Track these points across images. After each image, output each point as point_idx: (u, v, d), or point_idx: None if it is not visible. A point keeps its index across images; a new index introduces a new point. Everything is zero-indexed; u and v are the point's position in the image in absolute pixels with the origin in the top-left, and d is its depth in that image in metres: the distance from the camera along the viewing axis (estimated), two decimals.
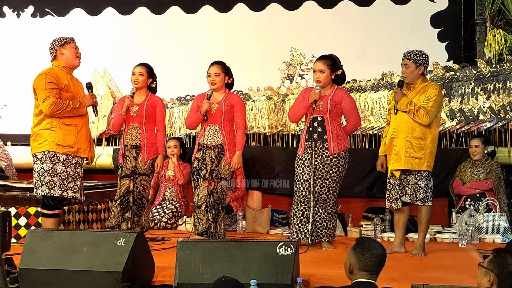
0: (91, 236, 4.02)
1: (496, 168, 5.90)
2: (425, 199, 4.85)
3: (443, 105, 5.18)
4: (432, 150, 4.86)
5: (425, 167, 4.83)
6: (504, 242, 5.20)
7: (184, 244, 3.83)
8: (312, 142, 5.13)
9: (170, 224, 6.40)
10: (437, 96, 4.80)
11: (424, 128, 4.82)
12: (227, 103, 5.25)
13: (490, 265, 2.74)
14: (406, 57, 4.89)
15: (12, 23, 8.30)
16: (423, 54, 4.89)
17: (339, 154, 5.10)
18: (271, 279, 3.60)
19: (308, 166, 5.11)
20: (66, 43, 5.08)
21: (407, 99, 4.84)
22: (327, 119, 5.11)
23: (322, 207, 5.11)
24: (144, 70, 5.52)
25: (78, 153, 4.95)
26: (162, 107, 5.60)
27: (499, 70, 6.44)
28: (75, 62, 5.13)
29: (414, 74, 4.88)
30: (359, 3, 7.30)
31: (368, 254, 3.02)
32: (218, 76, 5.26)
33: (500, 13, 6.70)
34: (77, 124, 4.97)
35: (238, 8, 7.67)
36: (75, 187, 4.93)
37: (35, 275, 3.86)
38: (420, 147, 4.81)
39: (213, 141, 5.24)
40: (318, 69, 5.15)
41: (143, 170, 5.44)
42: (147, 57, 6.53)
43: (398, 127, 4.90)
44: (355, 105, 5.29)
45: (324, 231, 5.12)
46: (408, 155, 4.82)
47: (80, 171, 5.02)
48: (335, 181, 5.12)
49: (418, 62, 4.85)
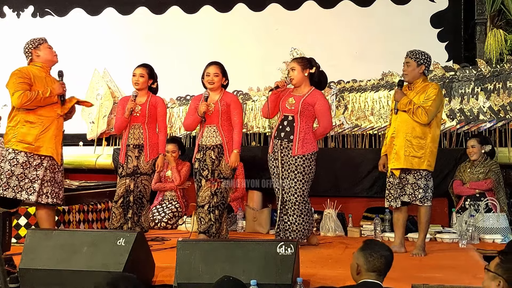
0: (91, 236, 4.02)
1: (495, 168, 5.90)
2: (424, 199, 4.85)
3: (443, 105, 5.17)
4: (433, 150, 4.86)
5: (425, 166, 4.82)
6: (504, 242, 5.20)
7: (184, 244, 3.83)
8: (279, 141, 5.11)
9: (170, 224, 6.40)
10: (436, 96, 4.80)
11: (424, 128, 4.82)
12: (223, 103, 5.25)
13: (499, 270, 2.69)
14: (408, 55, 4.92)
15: (12, 23, 8.31)
16: (425, 54, 4.91)
17: (304, 156, 5.03)
18: (271, 279, 3.60)
19: (277, 165, 5.11)
20: (39, 44, 5.05)
21: (407, 99, 4.85)
22: (297, 119, 5.08)
23: (291, 209, 5.06)
24: (145, 71, 5.51)
25: (38, 151, 4.80)
26: (164, 107, 5.60)
27: (499, 70, 6.44)
28: (53, 59, 5.10)
29: (415, 72, 4.89)
30: (359, 3, 7.30)
31: (376, 255, 3.03)
32: (217, 77, 5.27)
33: (500, 13, 6.70)
34: (43, 123, 4.84)
35: (238, 8, 7.68)
36: (30, 189, 4.78)
37: (35, 275, 3.86)
38: (420, 146, 4.81)
39: (212, 142, 5.24)
40: (290, 67, 5.19)
41: (145, 169, 5.44)
42: (147, 57, 6.55)
43: (399, 127, 4.91)
44: (328, 108, 5.21)
45: (292, 233, 5.05)
46: (408, 154, 4.82)
47: (42, 173, 4.80)
48: (301, 182, 5.04)
49: (419, 61, 4.86)
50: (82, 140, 7.72)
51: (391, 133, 4.97)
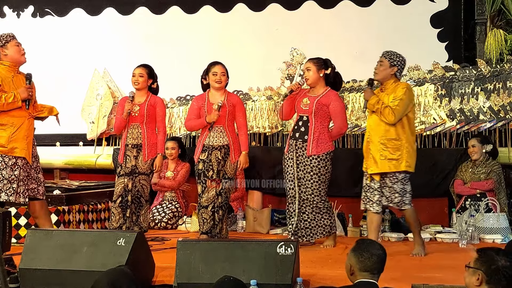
0: (91, 236, 4.02)
1: (497, 169, 5.89)
2: (401, 204, 4.78)
3: (414, 104, 4.99)
4: (409, 150, 4.76)
5: (403, 167, 4.73)
6: (504, 242, 5.20)
7: (184, 244, 3.83)
8: (294, 141, 5.13)
9: (170, 224, 6.40)
10: (404, 95, 4.72)
11: (397, 129, 4.75)
12: (229, 103, 5.27)
13: (477, 264, 2.79)
14: (383, 55, 4.88)
15: (12, 23, 8.29)
16: (400, 56, 4.86)
17: (319, 156, 5.04)
18: (271, 279, 3.60)
19: (292, 165, 5.11)
20: (6, 42, 4.87)
21: (375, 98, 4.79)
22: (311, 119, 5.09)
23: (309, 207, 5.08)
24: (144, 71, 5.52)
25: (12, 153, 4.76)
26: (163, 107, 5.60)
27: (499, 70, 6.44)
28: (21, 59, 4.92)
29: (386, 73, 4.83)
30: (359, 3, 7.29)
31: (367, 254, 3.03)
32: (224, 76, 5.29)
33: (500, 13, 6.69)
34: (14, 124, 4.79)
35: (238, 8, 7.67)
36: (10, 190, 4.74)
37: (35, 275, 3.86)
38: (395, 148, 4.74)
39: (219, 142, 5.24)
40: (305, 68, 5.20)
41: (143, 169, 5.45)
42: (147, 57, 6.55)
43: (372, 130, 4.86)
44: (342, 109, 5.22)
45: (312, 230, 5.09)
46: (384, 157, 4.75)
47: (20, 173, 4.78)
48: (318, 183, 5.06)
49: (392, 62, 4.82)
50: (82, 140, 7.72)
51: (366, 137, 4.93)
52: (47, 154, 7.56)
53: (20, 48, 4.93)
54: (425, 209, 6.26)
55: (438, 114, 6.51)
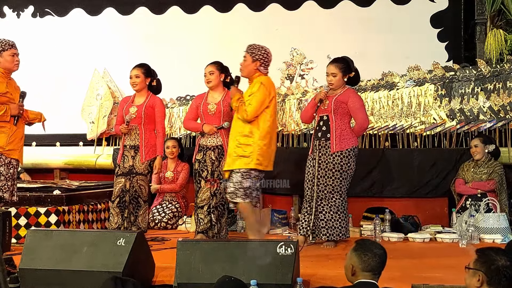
0: (91, 236, 4.02)
1: (499, 170, 5.88)
2: (233, 195, 4.70)
3: (272, 98, 4.78)
4: (262, 147, 4.69)
5: (253, 165, 4.67)
6: (504, 242, 5.20)
7: (184, 244, 3.84)
8: (317, 141, 5.14)
9: (170, 224, 6.40)
10: (258, 90, 4.67)
11: (252, 126, 4.70)
12: (225, 104, 5.26)
13: (477, 265, 2.78)
14: (246, 50, 4.82)
15: (12, 23, 8.30)
16: (263, 50, 4.80)
17: (342, 152, 5.04)
18: (271, 279, 3.60)
19: (314, 165, 5.12)
20: (3, 50, 4.96)
21: (237, 95, 4.76)
22: (331, 117, 5.09)
23: (327, 206, 5.07)
24: (140, 72, 5.51)
25: (9, 155, 4.92)
26: (162, 109, 5.58)
27: (499, 70, 6.44)
28: (13, 68, 5.01)
29: (250, 68, 4.79)
30: (359, 3, 7.29)
31: (370, 254, 3.02)
32: (212, 75, 5.28)
33: (500, 13, 6.70)
34: (12, 127, 4.94)
35: (238, 8, 7.67)
36: (5, 187, 4.87)
37: (35, 275, 3.86)
38: (247, 144, 4.68)
39: (213, 142, 5.24)
40: (330, 72, 5.14)
41: (140, 169, 5.45)
42: (147, 57, 6.55)
43: (232, 128, 4.85)
44: (361, 105, 5.20)
45: (328, 230, 5.08)
46: (236, 154, 4.71)
47: (13, 172, 4.96)
48: (339, 180, 5.06)
49: (254, 57, 4.77)
50: (82, 140, 7.72)
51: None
52: (47, 154, 7.58)
53: (15, 58, 5.00)
54: (425, 209, 6.27)
55: (438, 114, 6.51)
